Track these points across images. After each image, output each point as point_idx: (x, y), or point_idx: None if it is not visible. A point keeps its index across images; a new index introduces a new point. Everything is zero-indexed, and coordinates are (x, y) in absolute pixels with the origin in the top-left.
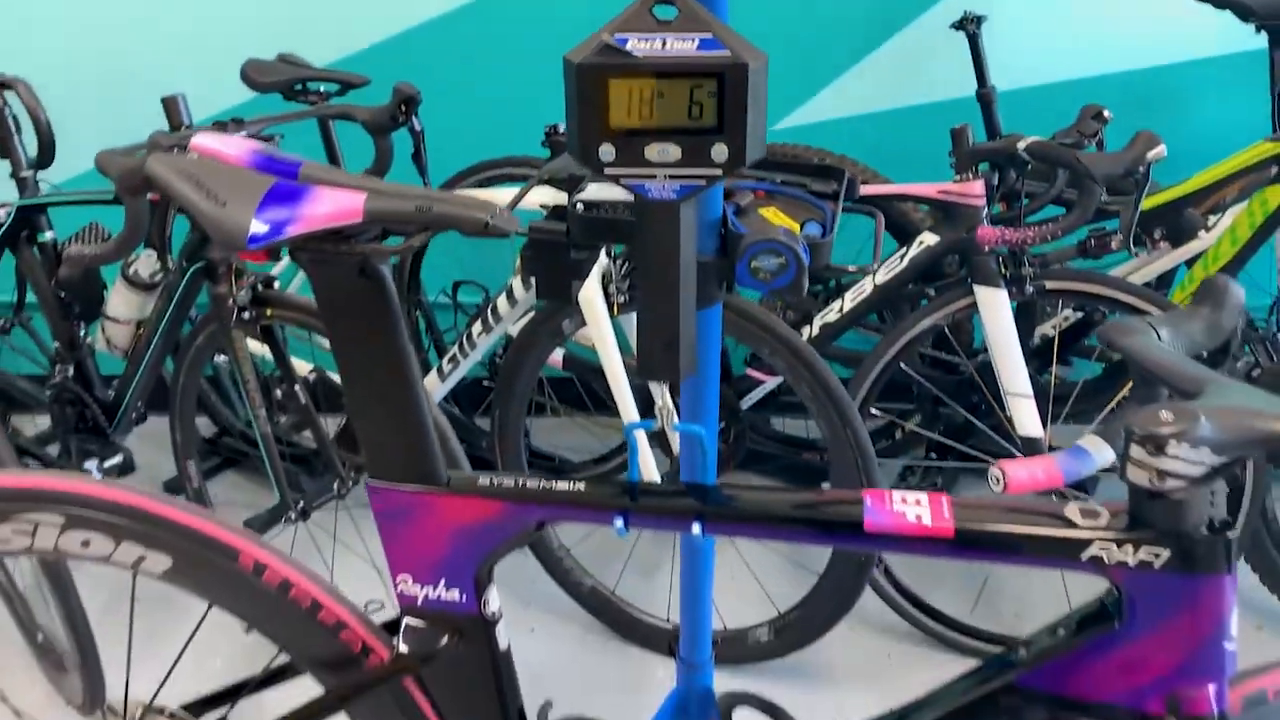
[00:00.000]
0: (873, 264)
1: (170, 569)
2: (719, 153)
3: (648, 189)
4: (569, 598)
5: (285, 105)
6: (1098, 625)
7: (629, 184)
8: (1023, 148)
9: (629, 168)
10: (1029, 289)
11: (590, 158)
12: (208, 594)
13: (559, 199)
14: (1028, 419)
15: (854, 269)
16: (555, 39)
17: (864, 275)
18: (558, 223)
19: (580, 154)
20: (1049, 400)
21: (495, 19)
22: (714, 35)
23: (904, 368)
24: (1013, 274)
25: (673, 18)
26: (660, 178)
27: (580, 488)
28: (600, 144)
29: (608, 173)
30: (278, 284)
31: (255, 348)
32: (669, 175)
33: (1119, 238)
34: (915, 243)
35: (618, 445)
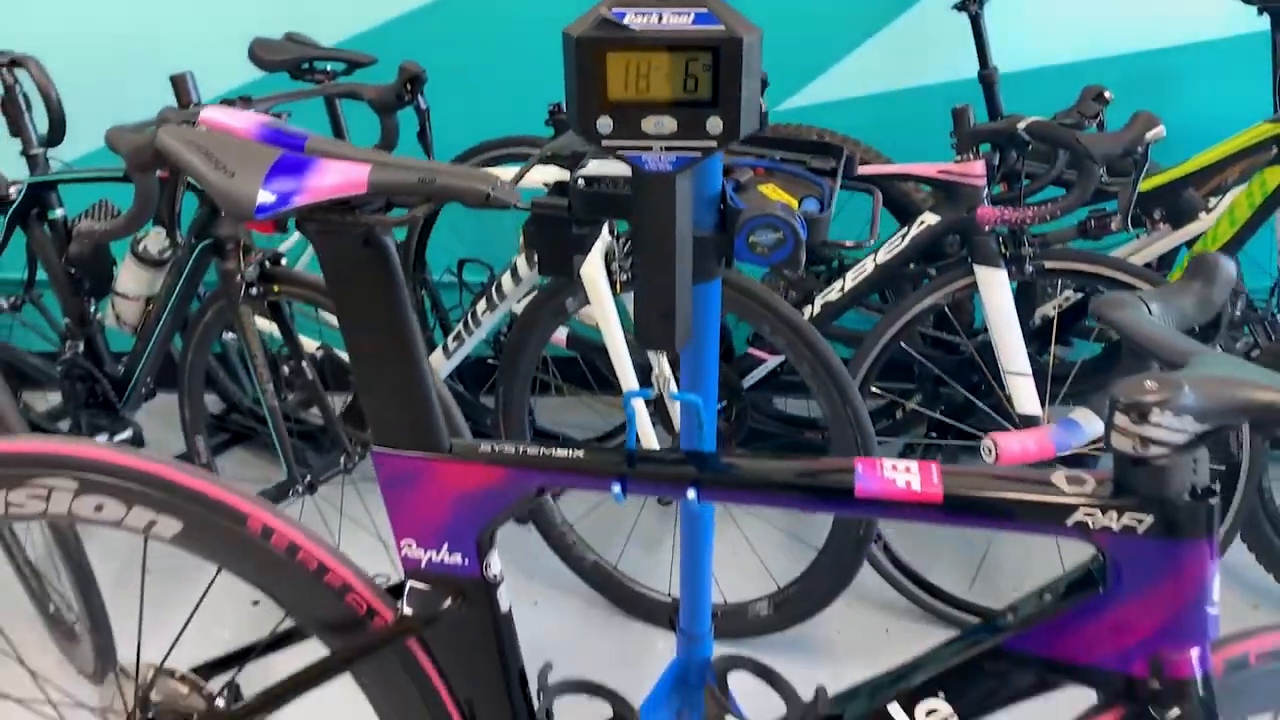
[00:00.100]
0: (869, 239)
1: (180, 533)
2: (714, 125)
3: (644, 161)
4: (572, 573)
5: (293, 84)
6: (1083, 590)
7: (626, 155)
8: (1022, 128)
9: (626, 140)
10: (1028, 269)
11: (588, 130)
12: (217, 557)
13: (562, 176)
14: (1026, 397)
15: (851, 244)
16: (560, 19)
17: (861, 250)
18: (560, 198)
19: (579, 126)
20: (1048, 380)
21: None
22: (709, 10)
23: (905, 347)
24: (1012, 254)
25: None
26: (656, 150)
27: (579, 455)
28: (598, 116)
29: (605, 144)
30: (285, 261)
31: (263, 325)
32: (665, 147)
33: (1118, 218)
34: (916, 222)
35: (621, 424)
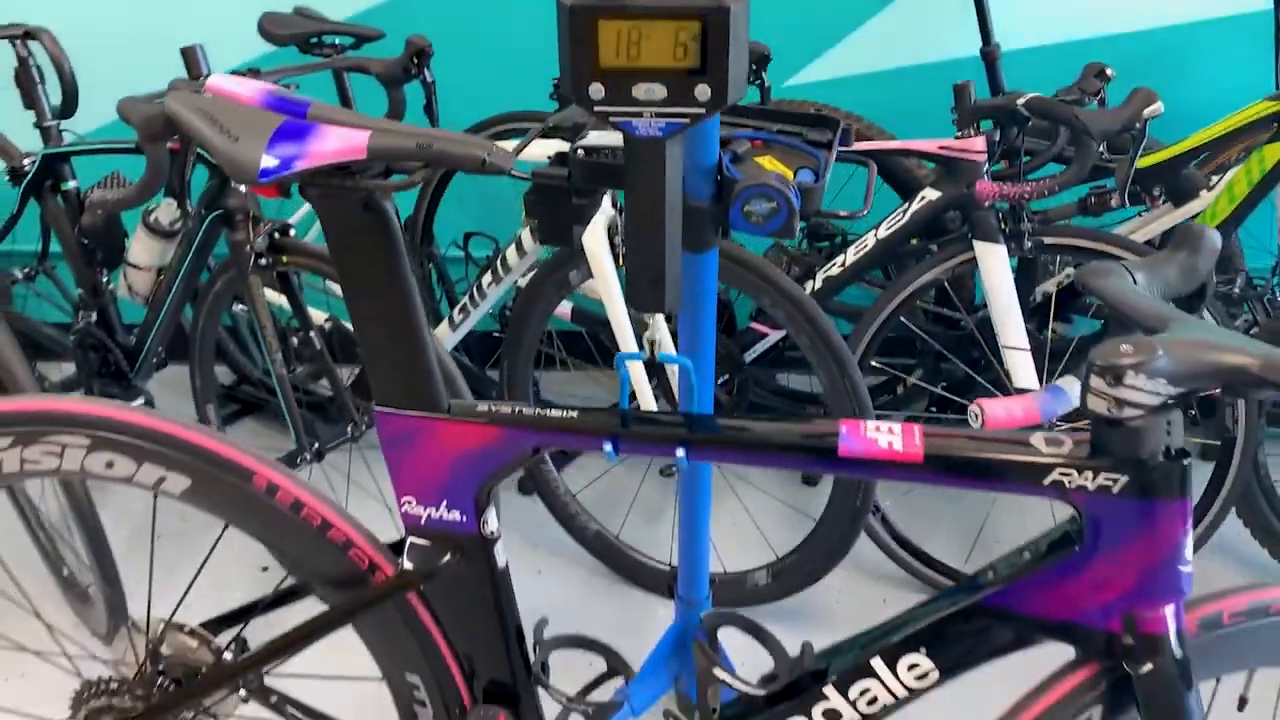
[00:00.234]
0: (863, 209)
1: (189, 489)
2: (702, 92)
3: (635, 127)
4: (575, 542)
5: (301, 58)
6: (1061, 549)
7: (617, 121)
8: (1022, 104)
9: (617, 106)
10: (1028, 244)
11: (581, 96)
12: (224, 514)
13: (564, 149)
14: (1023, 372)
15: (845, 214)
16: None
17: (855, 220)
18: (560, 169)
19: (572, 92)
20: (1046, 356)
21: None
22: None
23: (906, 323)
24: (1012, 230)
25: None
26: (647, 116)
27: (573, 415)
28: (590, 83)
29: (597, 111)
30: (294, 232)
31: (272, 297)
32: (655, 114)
33: (1118, 195)
34: (917, 198)
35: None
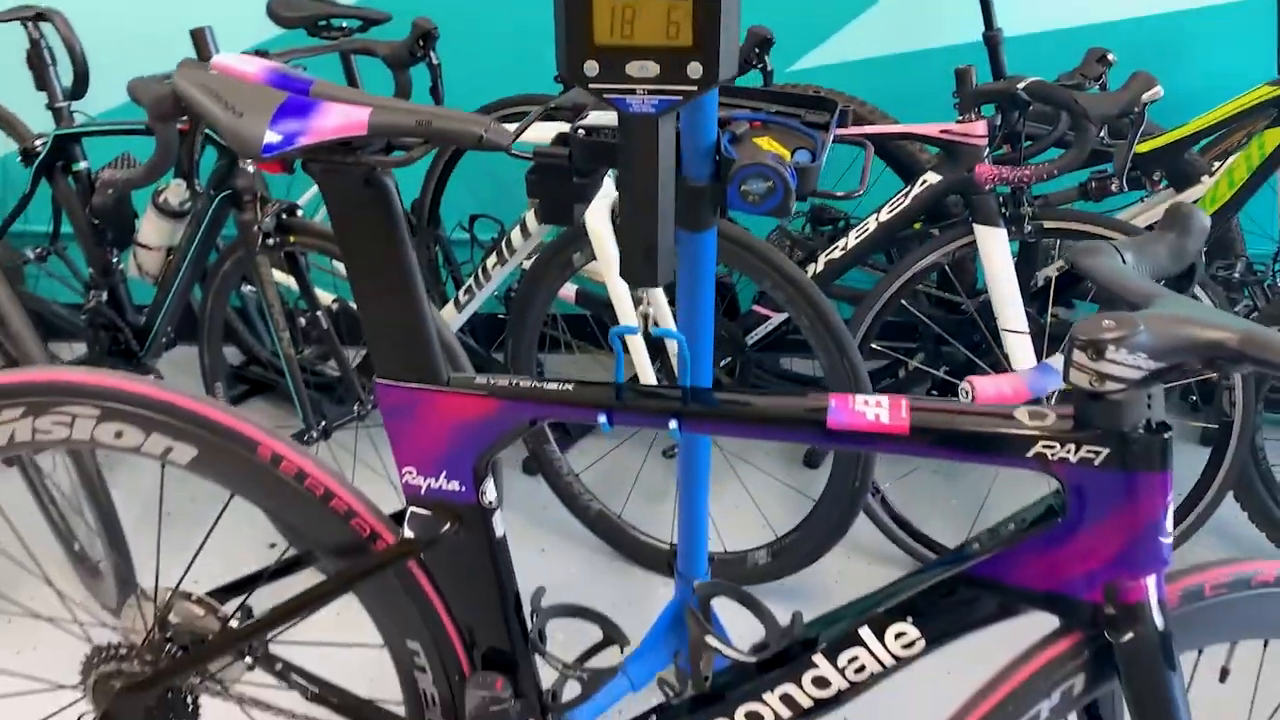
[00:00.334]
0: (859, 189)
1: (195, 459)
2: (694, 70)
3: (629, 103)
4: (577, 521)
5: (309, 41)
6: (1045, 521)
7: (611, 98)
8: (1022, 88)
9: (611, 83)
10: (1028, 228)
11: (576, 73)
12: (230, 483)
13: (566, 130)
14: (1023, 355)
15: (842, 195)
16: None
17: (851, 200)
18: (561, 148)
19: (567, 69)
20: (1046, 340)
21: None
22: None
23: (908, 306)
24: (1012, 214)
25: None
26: (640, 93)
27: (569, 387)
28: (585, 60)
29: (592, 87)
30: (301, 213)
31: (280, 278)
32: (648, 91)
33: (1117, 179)
34: (919, 182)
35: (628, 379)
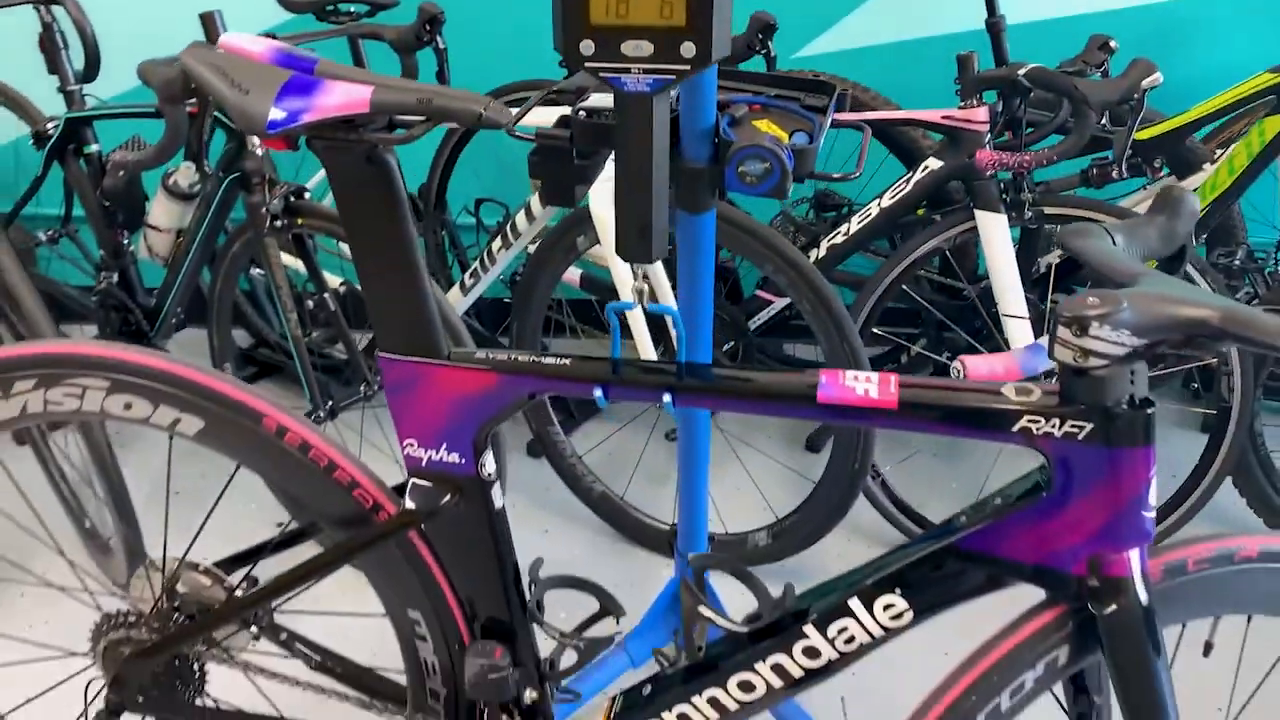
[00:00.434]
0: (855, 171)
1: (202, 430)
2: (687, 50)
3: (624, 82)
4: (580, 503)
5: (317, 25)
6: (1031, 495)
7: (607, 77)
8: (1023, 74)
9: (607, 62)
10: (1028, 214)
11: (572, 52)
12: (236, 455)
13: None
14: (1021, 339)
15: (838, 176)
16: None
17: (848, 182)
18: (563, 130)
19: (564, 48)
20: (1045, 326)
21: None
22: None
23: (910, 292)
24: (1013, 199)
25: None
26: (635, 72)
27: (566, 362)
28: (581, 39)
29: (587, 66)
30: (309, 196)
31: (289, 261)
32: (643, 70)
33: (1116, 166)
34: (921, 167)
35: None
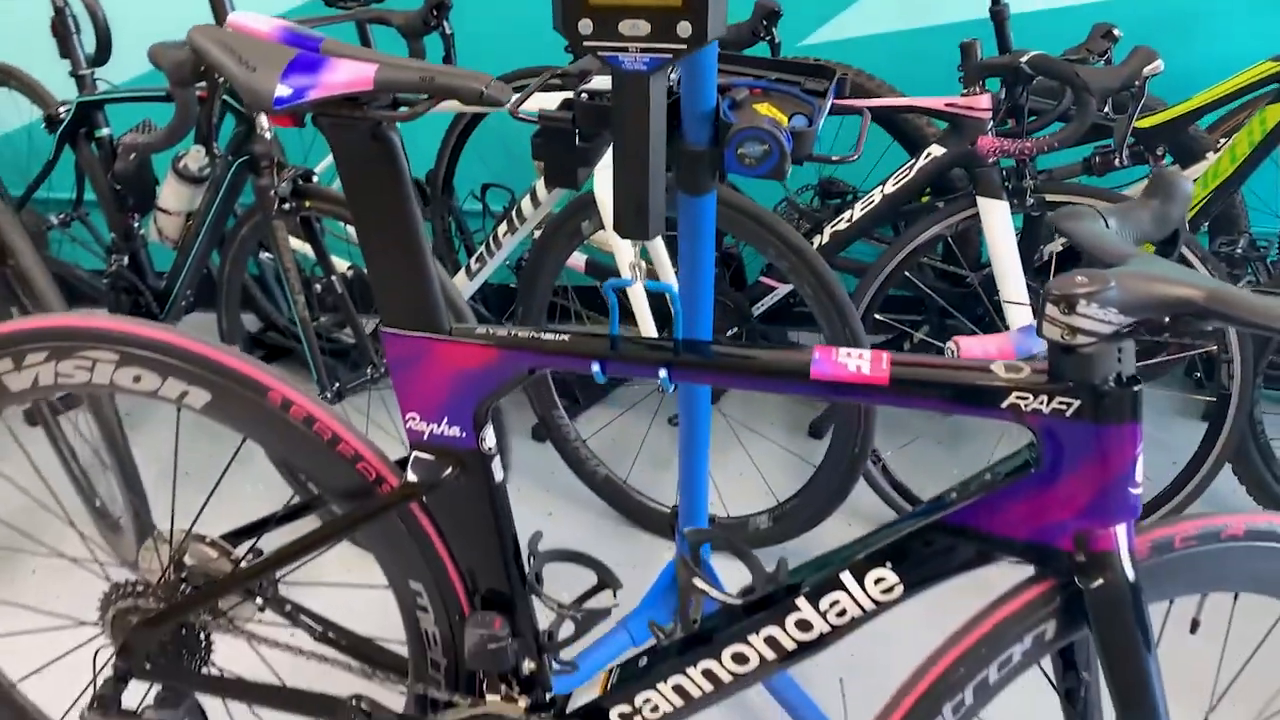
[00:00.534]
0: (854, 154)
1: (209, 403)
2: (683, 29)
3: (621, 61)
4: (584, 486)
5: (325, 10)
6: (1020, 471)
7: (604, 56)
8: (1025, 61)
9: (604, 41)
10: (1030, 200)
11: (571, 31)
12: (242, 428)
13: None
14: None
15: (836, 159)
16: None
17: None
18: (566, 112)
19: (562, 27)
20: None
21: None
22: None
23: (913, 279)
24: (1015, 186)
25: None
26: (632, 50)
27: (565, 338)
28: (580, 18)
29: (586, 45)
30: (317, 179)
31: (297, 245)
32: (640, 49)
33: (1116, 153)
34: (923, 154)
35: None
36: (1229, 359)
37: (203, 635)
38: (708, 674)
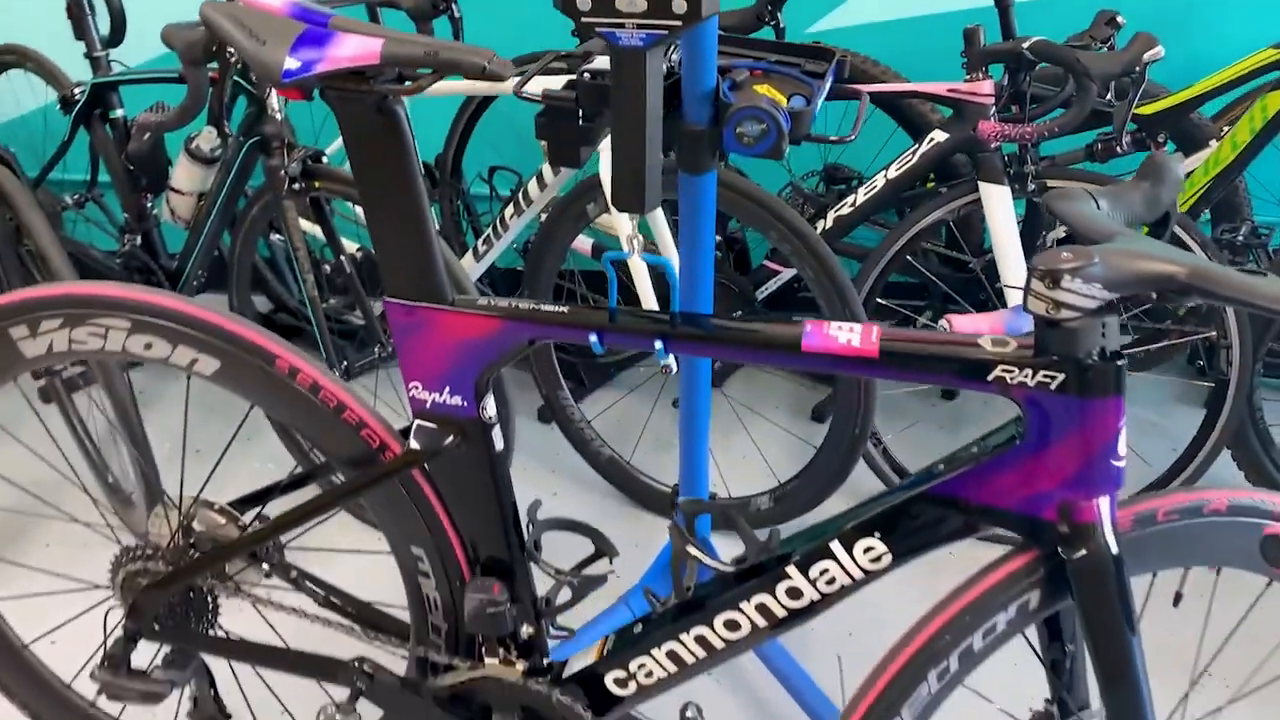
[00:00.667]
0: (851, 135)
1: (218, 370)
2: (679, 5)
3: (619, 37)
4: (589, 467)
5: None
6: (1006, 443)
7: (603, 32)
8: (1027, 47)
9: (602, 17)
10: (1031, 186)
11: (569, 7)
12: (250, 395)
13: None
14: None
15: (834, 139)
16: None
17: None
18: (569, 92)
19: (562, 4)
20: None
21: None
22: None
23: (916, 264)
24: (1016, 172)
25: None
26: (629, 26)
27: (564, 310)
28: None
29: (584, 21)
30: (326, 160)
31: (306, 227)
32: (637, 24)
33: (1116, 139)
34: (926, 140)
35: None
36: (1228, 344)
37: (210, 599)
38: (700, 640)
